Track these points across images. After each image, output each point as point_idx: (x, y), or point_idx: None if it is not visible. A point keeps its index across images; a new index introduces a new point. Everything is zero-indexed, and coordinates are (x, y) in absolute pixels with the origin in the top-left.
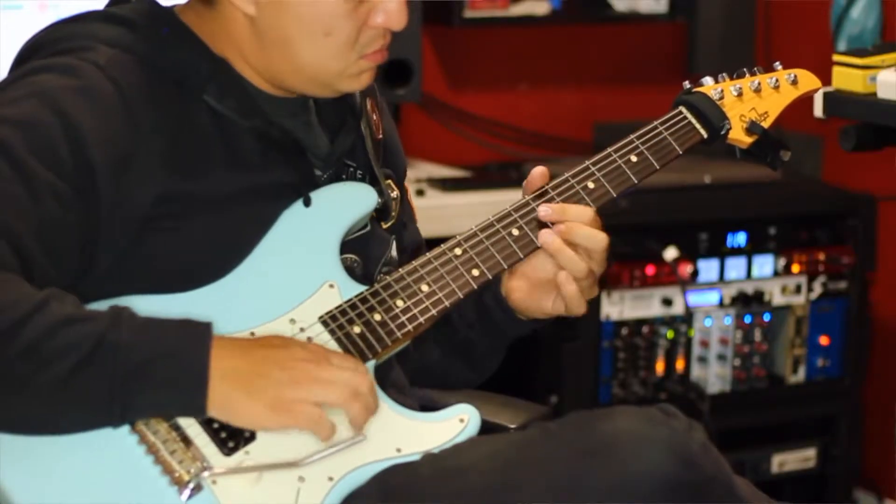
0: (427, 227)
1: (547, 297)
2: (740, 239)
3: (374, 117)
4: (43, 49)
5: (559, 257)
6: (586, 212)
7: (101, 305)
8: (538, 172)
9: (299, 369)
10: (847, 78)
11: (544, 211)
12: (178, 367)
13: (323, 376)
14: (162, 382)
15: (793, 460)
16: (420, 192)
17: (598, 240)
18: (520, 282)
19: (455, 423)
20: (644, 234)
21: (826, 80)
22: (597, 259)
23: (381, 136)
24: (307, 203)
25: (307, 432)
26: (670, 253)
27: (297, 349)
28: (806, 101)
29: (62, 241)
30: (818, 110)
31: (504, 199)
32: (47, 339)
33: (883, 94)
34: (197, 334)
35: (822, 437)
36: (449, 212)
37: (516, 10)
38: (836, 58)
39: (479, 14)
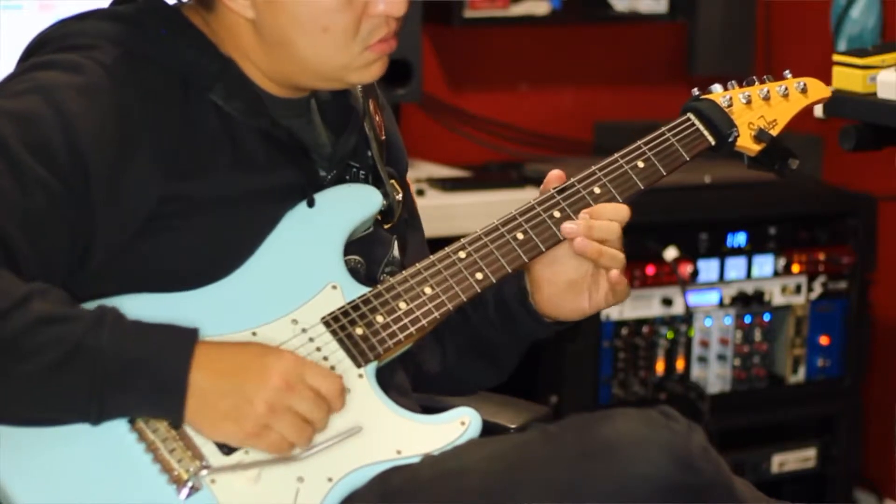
0: (427, 227)
1: (581, 296)
2: (740, 239)
3: (377, 118)
4: (49, 45)
5: (601, 260)
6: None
7: (107, 303)
8: (554, 175)
9: (274, 393)
10: (847, 78)
11: (568, 228)
12: (155, 377)
13: (294, 407)
14: (139, 389)
15: (793, 460)
16: (420, 192)
17: (624, 213)
18: (548, 287)
19: (456, 426)
20: (644, 234)
21: (826, 80)
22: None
23: (384, 137)
24: (311, 204)
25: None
26: (670, 253)
27: (275, 364)
28: None
29: (50, 236)
30: (818, 110)
31: (504, 199)
32: (25, 336)
33: (883, 94)
34: (179, 343)
35: (822, 437)
36: (449, 212)
37: (516, 10)
38: (836, 58)
39: (479, 14)
